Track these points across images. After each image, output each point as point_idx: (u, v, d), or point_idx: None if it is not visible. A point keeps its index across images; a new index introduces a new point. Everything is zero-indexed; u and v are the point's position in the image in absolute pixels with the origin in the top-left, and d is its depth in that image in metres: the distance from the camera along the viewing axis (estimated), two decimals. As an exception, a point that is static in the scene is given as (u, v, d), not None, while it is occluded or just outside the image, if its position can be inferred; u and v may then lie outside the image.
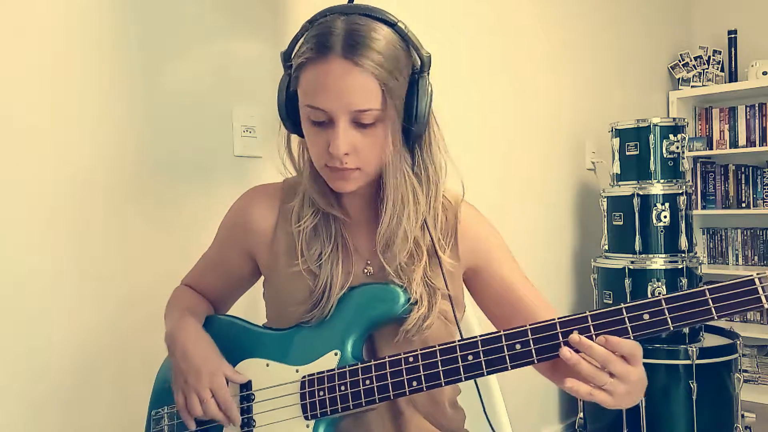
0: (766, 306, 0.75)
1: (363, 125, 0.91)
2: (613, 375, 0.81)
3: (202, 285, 1.18)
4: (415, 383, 0.89)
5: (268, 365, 0.99)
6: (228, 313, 1.19)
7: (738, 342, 2.50)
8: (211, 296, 1.18)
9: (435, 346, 0.89)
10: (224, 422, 0.96)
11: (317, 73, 0.90)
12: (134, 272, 1.45)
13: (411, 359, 0.89)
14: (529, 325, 0.84)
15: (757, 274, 0.76)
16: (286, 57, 0.97)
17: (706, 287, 0.78)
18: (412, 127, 0.94)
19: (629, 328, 0.80)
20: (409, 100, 0.94)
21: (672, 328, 0.79)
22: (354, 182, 0.96)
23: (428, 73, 0.96)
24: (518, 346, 0.84)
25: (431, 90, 0.96)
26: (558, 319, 0.83)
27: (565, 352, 0.82)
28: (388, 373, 0.90)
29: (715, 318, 0.77)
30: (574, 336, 0.82)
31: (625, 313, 0.81)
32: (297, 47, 0.95)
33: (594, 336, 0.81)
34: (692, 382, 2.36)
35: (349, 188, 0.96)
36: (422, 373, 0.88)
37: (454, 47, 2.31)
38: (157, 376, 1.12)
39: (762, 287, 0.76)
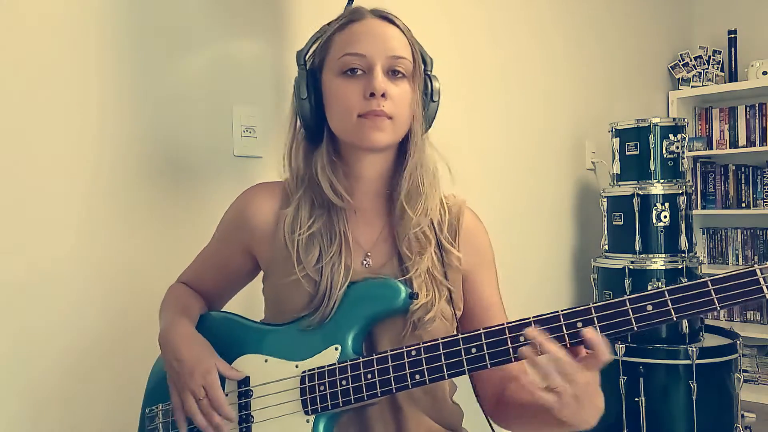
0: (767, 296, 0.76)
1: (395, 74, 0.98)
2: (560, 374, 0.81)
3: (199, 281, 1.18)
4: (417, 376, 0.89)
5: (266, 361, 0.99)
6: (223, 309, 1.18)
7: (738, 342, 2.49)
8: (208, 292, 1.17)
9: (437, 339, 0.89)
10: (218, 423, 0.93)
11: (354, 29, 1.00)
12: (134, 271, 1.45)
13: (413, 353, 0.89)
14: (533, 317, 0.85)
15: (759, 265, 0.77)
16: (305, 55, 1.03)
17: (708, 278, 0.78)
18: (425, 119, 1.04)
19: (633, 319, 0.81)
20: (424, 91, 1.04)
21: (675, 319, 0.79)
22: (386, 134, 0.98)
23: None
24: (522, 338, 0.84)
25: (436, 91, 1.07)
26: (561, 311, 0.84)
27: (529, 331, 0.83)
28: (390, 367, 0.90)
29: (718, 308, 0.78)
30: (531, 330, 0.84)
31: (628, 305, 0.81)
32: (318, 42, 1.03)
33: (597, 328, 0.82)
34: (692, 382, 2.35)
35: (382, 140, 0.98)
36: (425, 366, 0.88)
37: (454, 48, 2.31)
38: (150, 374, 1.12)
39: (764, 278, 0.76)
